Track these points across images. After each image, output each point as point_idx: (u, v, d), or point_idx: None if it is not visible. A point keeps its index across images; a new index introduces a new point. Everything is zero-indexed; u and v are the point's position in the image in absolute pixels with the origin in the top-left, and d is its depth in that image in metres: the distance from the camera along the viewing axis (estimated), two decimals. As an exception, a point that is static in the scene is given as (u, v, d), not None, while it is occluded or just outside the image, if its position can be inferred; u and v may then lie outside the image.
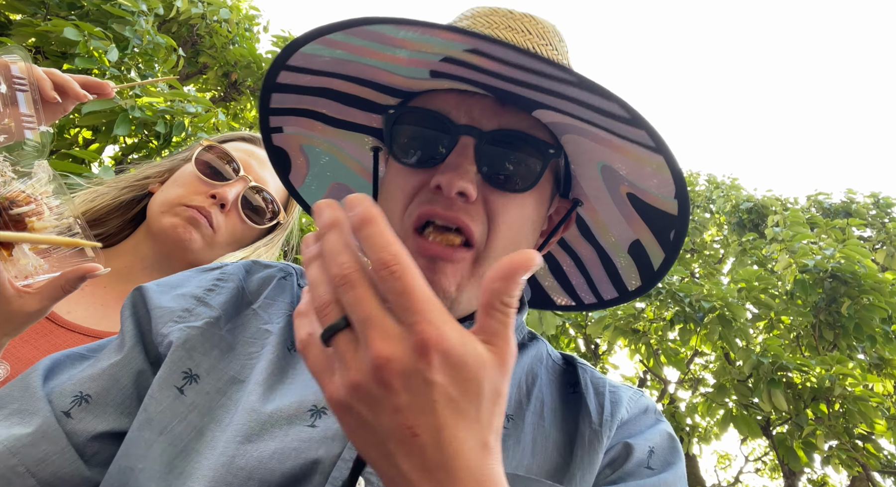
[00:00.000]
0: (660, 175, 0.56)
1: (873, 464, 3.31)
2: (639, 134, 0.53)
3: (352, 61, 0.58)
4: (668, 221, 0.60)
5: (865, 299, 3.68)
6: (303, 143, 0.70)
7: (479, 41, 0.47)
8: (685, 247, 6.99)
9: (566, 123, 0.56)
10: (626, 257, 0.65)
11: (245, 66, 4.40)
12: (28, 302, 0.53)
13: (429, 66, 0.55)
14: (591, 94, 0.50)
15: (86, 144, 2.61)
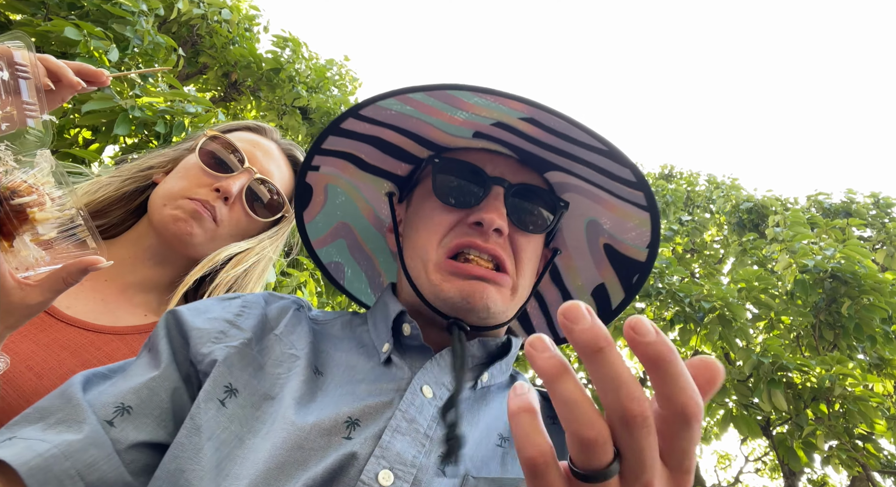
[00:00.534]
0: (639, 229, 0.68)
1: (873, 464, 3.31)
2: (636, 195, 0.65)
3: (413, 117, 0.67)
4: (634, 267, 0.70)
5: (866, 299, 3.68)
6: (328, 182, 0.76)
7: (539, 112, 0.58)
8: (685, 247, 6.98)
9: (571, 183, 0.68)
10: (589, 298, 0.74)
11: (245, 66, 4.40)
12: (29, 295, 0.52)
13: (478, 128, 0.65)
14: (611, 160, 0.61)
15: (86, 144, 2.62)
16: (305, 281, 2.82)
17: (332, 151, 0.73)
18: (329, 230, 0.81)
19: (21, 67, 0.59)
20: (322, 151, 0.72)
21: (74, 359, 0.73)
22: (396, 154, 0.73)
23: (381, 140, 0.71)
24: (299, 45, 4.75)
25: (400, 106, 0.65)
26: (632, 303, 0.73)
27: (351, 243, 0.83)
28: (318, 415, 0.51)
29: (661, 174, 9.01)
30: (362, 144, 0.72)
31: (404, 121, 0.68)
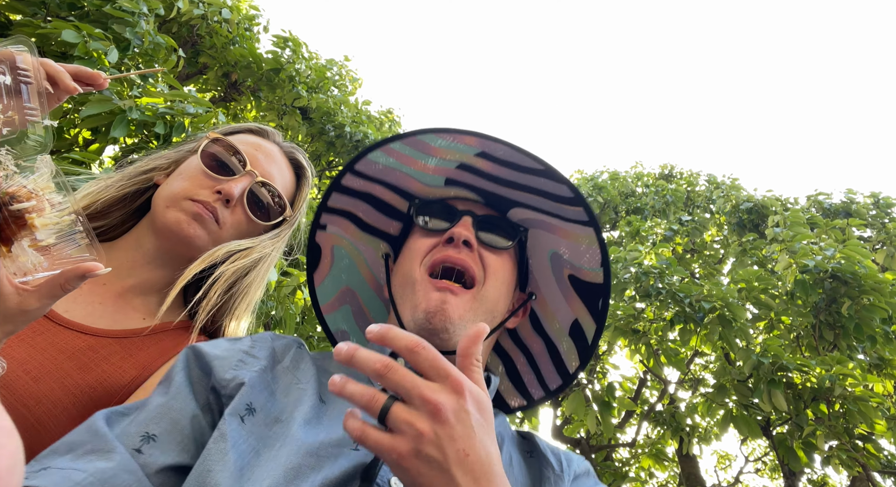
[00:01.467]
0: (591, 249, 0.76)
1: (873, 465, 3.31)
2: (578, 211, 0.74)
3: (396, 170, 0.79)
4: (597, 291, 0.78)
5: (866, 299, 3.68)
6: (335, 244, 0.86)
7: (488, 144, 0.72)
8: (685, 247, 6.98)
9: (528, 218, 0.78)
10: (568, 340, 0.80)
11: (245, 66, 4.40)
12: (27, 300, 0.52)
13: (447, 174, 0.78)
14: (549, 179, 0.72)
15: (85, 145, 2.62)
16: (306, 281, 2.82)
17: (336, 209, 0.83)
18: (336, 295, 0.88)
19: (23, 71, 0.60)
20: (328, 208, 0.83)
21: (72, 363, 0.72)
22: (388, 211, 0.84)
23: (374, 197, 0.83)
24: (299, 45, 4.75)
25: (384, 158, 0.78)
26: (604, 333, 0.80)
27: (356, 309, 0.90)
28: (326, 435, 0.58)
29: (662, 174, 9.01)
30: (359, 201, 0.83)
31: (389, 174, 0.80)
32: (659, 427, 5.13)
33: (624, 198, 8.00)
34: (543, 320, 0.82)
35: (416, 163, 0.77)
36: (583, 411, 4.03)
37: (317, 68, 4.97)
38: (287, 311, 2.68)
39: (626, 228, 6.72)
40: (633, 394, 5.17)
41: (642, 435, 5.96)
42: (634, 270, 4.17)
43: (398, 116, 6.05)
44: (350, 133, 5.00)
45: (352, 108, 5.27)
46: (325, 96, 4.95)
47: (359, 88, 5.79)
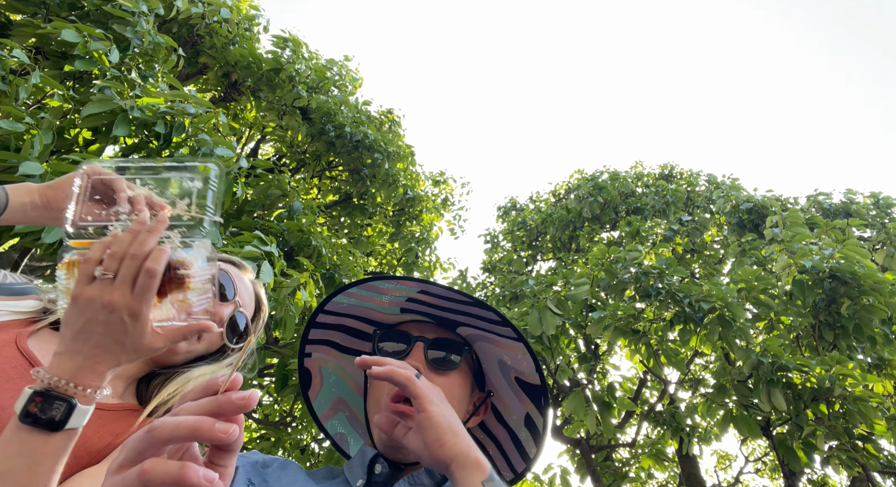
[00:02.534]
0: (525, 358, 0.90)
1: (873, 465, 3.31)
2: (508, 330, 0.89)
3: (358, 305, 0.96)
4: (538, 391, 0.91)
5: (865, 299, 3.68)
6: (321, 365, 1.01)
7: (426, 285, 0.89)
8: (685, 247, 6.98)
9: (475, 334, 0.92)
10: (525, 430, 0.92)
11: (245, 66, 4.40)
12: (156, 341, 0.62)
13: (400, 305, 0.93)
14: (481, 309, 0.88)
15: (86, 145, 2.62)
16: (305, 282, 2.82)
17: (316, 340, 0.99)
18: (330, 405, 1.02)
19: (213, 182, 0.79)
20: (309, 341, 0.99)
21: None
22: (360, 336, 1.00)
23: (346, 327, 0.99)
24: (299, 45, 4.75)
25: (346, 299, 0.94)
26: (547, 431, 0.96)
27: (349, 415, 1.04)
28: None
29: (662, 174, 9.01)
30: (334, 331, 0.99)
31: (354, 310, 0.96)
32: (659, 428, 5.14)
33: (624, 198, 8.00)
34: (503, 412, 0.95)
35: (372, 300, 0.95)
36: (583, 411, 4.03)
37: (317, 68, 4.97)
38: (287, 311, 2.68)
39: (626, 228, 6.72)
40: (634, 394, 5.17)
41: (642, 435, 5.97)
42: (634, 270, 4.17)
43: (398, 117, 6.05)
44: (350, 133, 5.00)
45: (352, 108, 5.27)
46: (325, 96, 4.95)
47: (359, 88, 5.79)
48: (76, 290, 0.60)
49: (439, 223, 7.03)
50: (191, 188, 0.74)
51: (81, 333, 0.59)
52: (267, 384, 4.46)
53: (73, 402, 0.59)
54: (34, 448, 0.58)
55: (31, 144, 1.87)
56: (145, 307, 0.60)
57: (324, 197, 5.94)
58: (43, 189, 0.82)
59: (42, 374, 0.60)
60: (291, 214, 3.29)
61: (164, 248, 0.61)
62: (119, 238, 0.60)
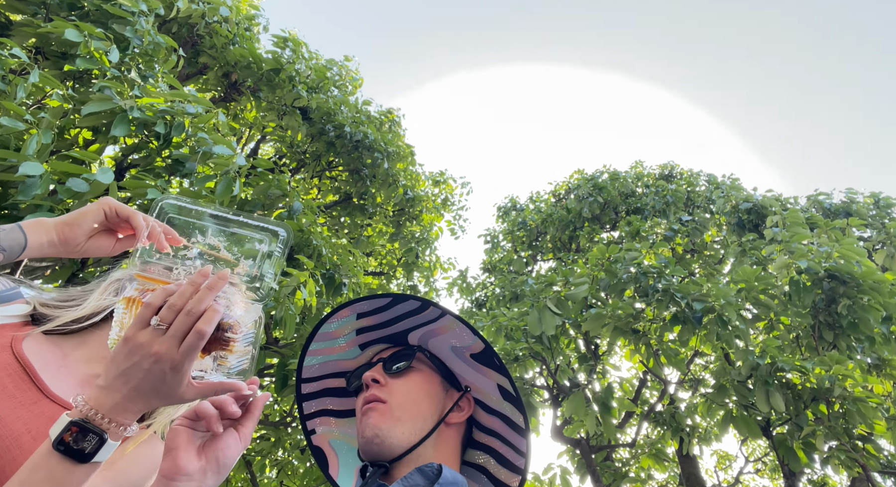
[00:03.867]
0: (461, 328, 0.94)
1: (873, 465, 3.31)
2: (432, 311, 0.94)
3: (327, 361, 1.00)
4: (488, 354, 0.94)
5: (863, 299, 3.68)
6: (329, 439, 1.02)
7: (355, 306, 0.96)
8: (686, 247, 6.98)
9: (420, 336, 0.97)
10: (507, 404, 0.94)
11: (245, 66, 4.40)
12: (189, 392, 0.65)
13: (355, 343, 1.00)
14: (400, 303, 0.94)
15: (86, 145, 2.62)
16: (305, 281, 2.82)
17: (312, 413, 1.01)
18: (354, 479, 0.98)
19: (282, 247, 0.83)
20: (306, 416, 1.01)
21: None
22: (345, 394, 1.03)
23: (330, 389, 1.02)
24: (299, 45, 4.75)
25: (314, 359, 0.99)
26: (509, 374, 0.99)
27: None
28: None
29: (662, 174, 9.01)
30: (324, 398, 1.02)
31: (327, 367, 1.00)
32: (659, 428, 5.14)
33: (624, 198, 8.01)
34: (486, 401, 0.97)
35: (333, 350, 1.00)
36: (583, 412, 4.03)
37: (317, 68, 4.97)
38: (287, 311, 2.68)
39: (626, 228, 6.72)
40: (634, 395, 5.17)
41: (642, 436, 5.96)
42: (634, 270, 4.17)
43: (398, 117, 6.05)
44: (350, 133, 5.00)
45: (352, 108, 5.27)
46: (325, 96, 4.95)
47: (359, 88, 5.79)
48: (129, 332, 0.63)
49: (439, 223, 7.03)
50: (257, 250, 0.79)
51: (124, 374, 0.62)
52: (267, 385, 4.46)
53: (105, 436, 0.61)
54: (60, 475, 0.59)
55: (29, 144, 1.87)
56: (188, 364, 0.63)
57: (324, 197, 5.94)
58: (60, 227, 0.84)
59: (81, 403, 0.62)
60: (291, 214, 3.29)
61: (218, 308, 0.65)
62: (181, 291, 0.64)
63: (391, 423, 0.84)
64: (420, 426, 0.86)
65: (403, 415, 0.86)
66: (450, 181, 7.39)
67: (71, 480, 0.60)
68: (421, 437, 0.85)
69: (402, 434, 0.84)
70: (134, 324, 0.63)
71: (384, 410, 0.86)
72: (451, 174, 7.59)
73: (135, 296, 0.71)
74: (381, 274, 6.81)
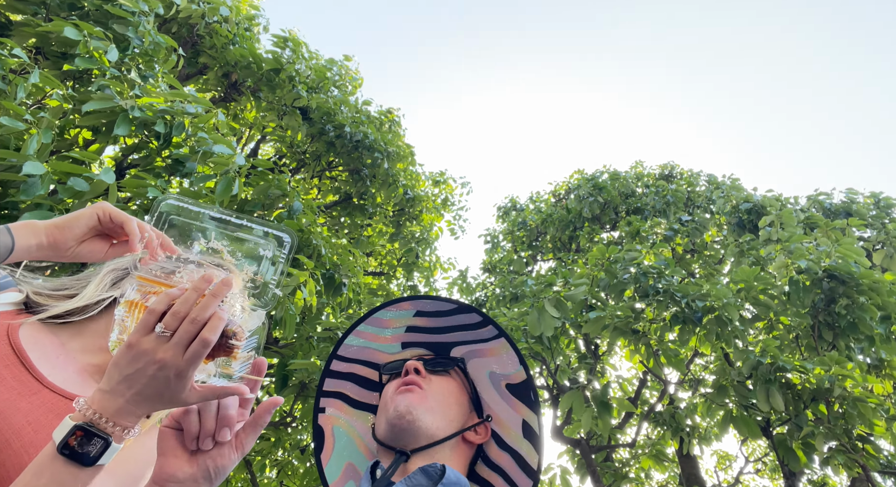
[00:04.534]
0: (509, 354, 0.95)
1: (873, 465, 3.31)
2: (489, 329, 0.96)
3: (366, 348, 1.02)
4: (526, 386, 0.95)
5: (862, 299, 3.68)
6: (334, 424, 1.02)
7: (419, 303, 0.99)
8: (685, 248, 6.98)
9: (464, 353, 1.00)
10: (525, 442, 0.94)
11: (245, 66, 4.40)
12: (191, 396, 0.65)
13: (400, 339, 1.02)
14: (465, 313, 0.97)
15: (86, 145, 2.62)
16: (305, 281, 2.82)
17: (330, 392, 1.02)
18: (341, 473, 1.01)
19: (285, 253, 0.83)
20: (323, 393, 1.02)
21: (58, 421, 0.79)
22: (368, 386, 1.04)
23: (356, 375, 1.03)
24: (299, 45, 4.75)
25: (356, 340, 1.01)
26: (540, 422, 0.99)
27: (358, 483, 1.05)
28: None
29: (662, 174, 9.01)
30: (345, 382, 1.03)
31: (362, 353, 1.02)
32: (659, 428, 5.14)
33: (624, 198, 8.00)
34: (504, 435, 0.97)
35: (378, 338, 1.02)
36: (581, 410, 4.03)
37: (317, 68, 4.97)
38: (287, 311, 2.69)
39: (626, 228, 6.72)
40: (634, 395, 5.17)
41: (642, 436, 5.96)
42: (634, 270, 4.17)
43: (398, 117, 6.05)
44: (350, 133, 5.00)
45: (352, 108, 5.27)
46: (325, 96, 4.95)
47: (359, 88, 5.79)
48: (133, 337, 0.63)
49: (439, 223, 7.03)
50: (261, 256, 0.78)
51: (128, 379, 0.63)
52: (267, 385, 4.46)
53: (110, 440, 0.62)
54: (64, 479, 0.60)
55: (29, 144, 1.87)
56: (192, 371, 0.64)
57: (324, 197, 5.94)
58: (50, 229, 0.82)
59: (84, 407, 0.62)
60: (291, 214, 3.29)
61: (223, 316, 0.65)
62: (185, 297, 0.64)
63: (425, 409, 0.86)
64: (446, 425, 0.87)
65: (436, 407, 0.88)
66: (450, 181, 7.39)
67: (75, 483, 0.60)
68: (444, 436, 0.86)
69: (432, 423, 0.85)
70: (138, 330, 0.64)
71: (422, 395, 0.88)
72: (451, 174, 7.59)
73: (137, 299, 0.71)
74: (381, 274, 6.81)
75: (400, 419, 0.83)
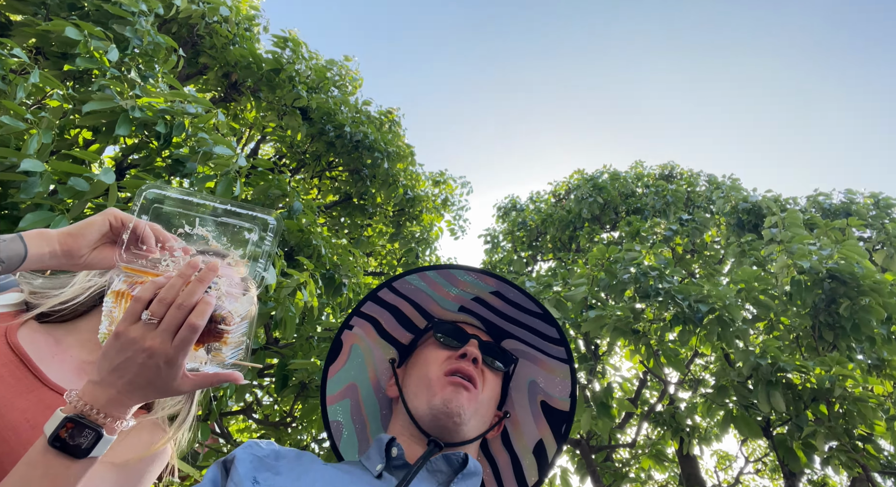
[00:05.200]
0: (564, 382, 0.93)
1: (873, 465, 3.31)
2: (560, 350, 0.93)
3: (423, 292, 0.97)
4: (563, 418, 0.92)
5: (864, 300, 3.68)
6: (354, 342, 0.99)
7: (503, 286, 0.92)
8: (686, 248, 6.99)
9: (517, 349, 0.96)
10: (531, 457, 0.92)
11: (245, 66, 4.40)
12: (184, 384, 0.65)
13: (462, 302, 0.96)
14: (545, 323, 0.92)
15: (86, 145, 2.62)
16: (305, 282, 2.82)
17: (365, 314, 0.99)
18: (341, 389, 0.99)
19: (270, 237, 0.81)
20: (359, 313, 0.98)
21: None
22: (406, 324, 1.01)
23: (399, 310, 0.99)
24: (299, 45, 4.75)
25: (418, 281, 0.96)
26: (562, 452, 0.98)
27: (353, 403, 1.02)
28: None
29: (662, 174, 9.01)
30: (385, 311, 0.99)
31: (417, 294, 0.97)
32: (659, 428, 5.13)
33: (624, 198, 8.01)
34: (513, 437, 0.95)
35: (441, 290, 0.96)
36: (581, 410, 4.03)
37: (317, 69, 4.97)
38: (287, 312, 2.68)
39: (626, 228, 6.72)
40: (634, 395, 5.17)
41: (642, 436, 5.96)
42: (634, 270, 4.17)
43: (398, 117, 6.05)
44: (350, 133, 5.00)
45: (352, 108, 5.27)
46: (325, 97, 4.95)
47: (359, 88, 5.79)
48: (120, 327, 0.63)
49: (439, 224, 7.03)
50: (246, 239, 0.78)
51: (118, 369, 0.62)
52: (267, 385, 4.46)
53: (102, 432, 0.61)
54: (57, 471, 0.59)
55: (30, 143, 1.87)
56: (182, 357, 0.63)
57: (324, 197, 5.94)
58: (63, 238, 0.81)
59: (75, 399, 0.62)
60: (291, 214, 3.29)
61: (210, 300, 0.64)
62: (170, 284, 0.63)
63: (473, 411, 0.83)
64: (482, 426, 0.86)
65: (481, 410, 0.85)
66: (450, 181, 7.39)
67: (68, 476, 0.60)
68: (475, 436, 0.85)
69: (475, 425, 0.83)
70: (124, 319, 0.63)
71: (475, 396, 0.84)
72: (451, 174, 7.59)
73: (123, 289, 0.69)
74: (382, 274, 6.81)
75: (448, 418, 0.80)
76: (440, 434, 0.80)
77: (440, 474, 0.77)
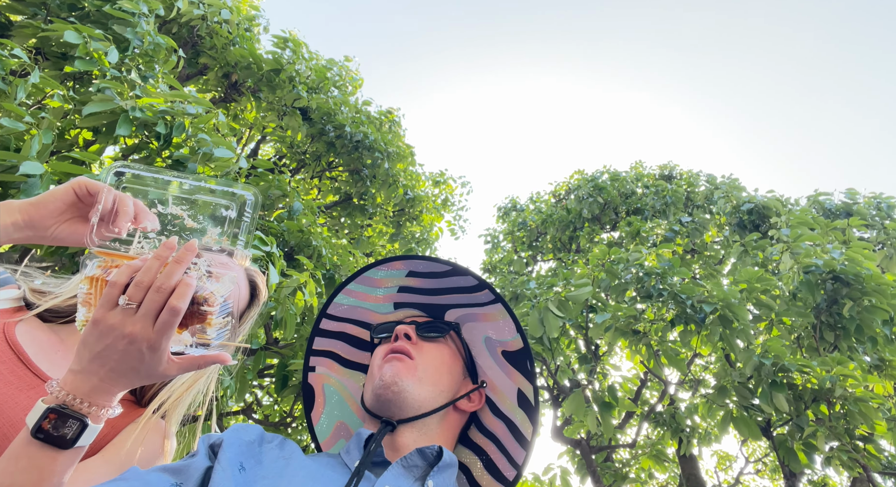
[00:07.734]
0: (505, 321, 0.92)
1: (874, 466, 3.31)
2: (485, 294, 0.92)
3: (357, 307, 0.98)
4: (523, 355, 0.91)
5: (867, 301, 3.68)
6: (324, 382, 0.99)
7: (411, 263, 0.94)
8: (686, 248, 6.98)
9: (459, 316, 0.96)
10: (520, 411, 0.91)
11: (245, 67, 4.40)
12: (170, 368, 0.64)
13: (393, 299, 0.98)
14: (459, 276, 0.92)
15: (86, 146, 2.61)
16: (305, 282, 2.82)
17: (320, 351, 0.99)
18: (332, 431, 0.98)
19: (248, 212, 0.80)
20: (313, 351, 0.98)
21: None
22: (359, 345, 1.00)
23: (347, 334, 1.00)
24: (299, 46, 4.75)
25: (346, 299, 0.97)
26: (539, 391, 1.00)
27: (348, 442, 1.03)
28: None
29: (661, 175, 9.01)
30: (336, 341, 0.99)
31: (354, 312, 0.98)
32: (659, 428, 5.13)
33: (624, 198, 8.00)
34: (498, 402, 0.94)
35: (369, 297, 0.98)
36: (583, 411, 4.02)
37: (317, 69, 4.97)
38: (287, 312, 2.68)
39: (626, 228, 6.72)
40: (634, 395, 5.17)
41: (642, 436, 5.96)
42: (636, 271, 4.17)
43: (398, 117, 6.05)
44: (350, 133, 5.00)
45: (352, 108, 5.27)
46: (325, 97, 4.95)
47: (359, 88, 5.79)
48: (98, 314, 0.61)
49: (439, 224, 7.03)
50: (224, 217, 0.75)
51: (99, 356, 0.60)
52: (267, 385, 4.46)
53: (86, 421, 0.60)
54: (43, 463, 0.59)
55: (31, 145, 1.87)
56: (165, 341, 0.61)
57: (324, 197, 5.94)
58: (26, 207, 0.78)
59: (56, 389, 0.60)
60: (291, 214, 3.29)
61: (191, 282, 0.61)
62: (147, 266, 0.61)
63: (413, 380, 0.82)
64: (436, 396, 0.84)
65: (426, 378, 0.84)
66: (450, 181, 7.39)
67: (55, 466, 0.59)
68: (433, 408, 0.83)
69: (420, 395, 0.82)
70: (101, 305, 0.60)
71: (410, 365, 0.84)
72: (451, 174, 7.59)
73: (98, 274, 0.66)
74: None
75: (385, 389, 0.80)
76: (387, 409, 0.80)
77: (416, 469, 0.75)
